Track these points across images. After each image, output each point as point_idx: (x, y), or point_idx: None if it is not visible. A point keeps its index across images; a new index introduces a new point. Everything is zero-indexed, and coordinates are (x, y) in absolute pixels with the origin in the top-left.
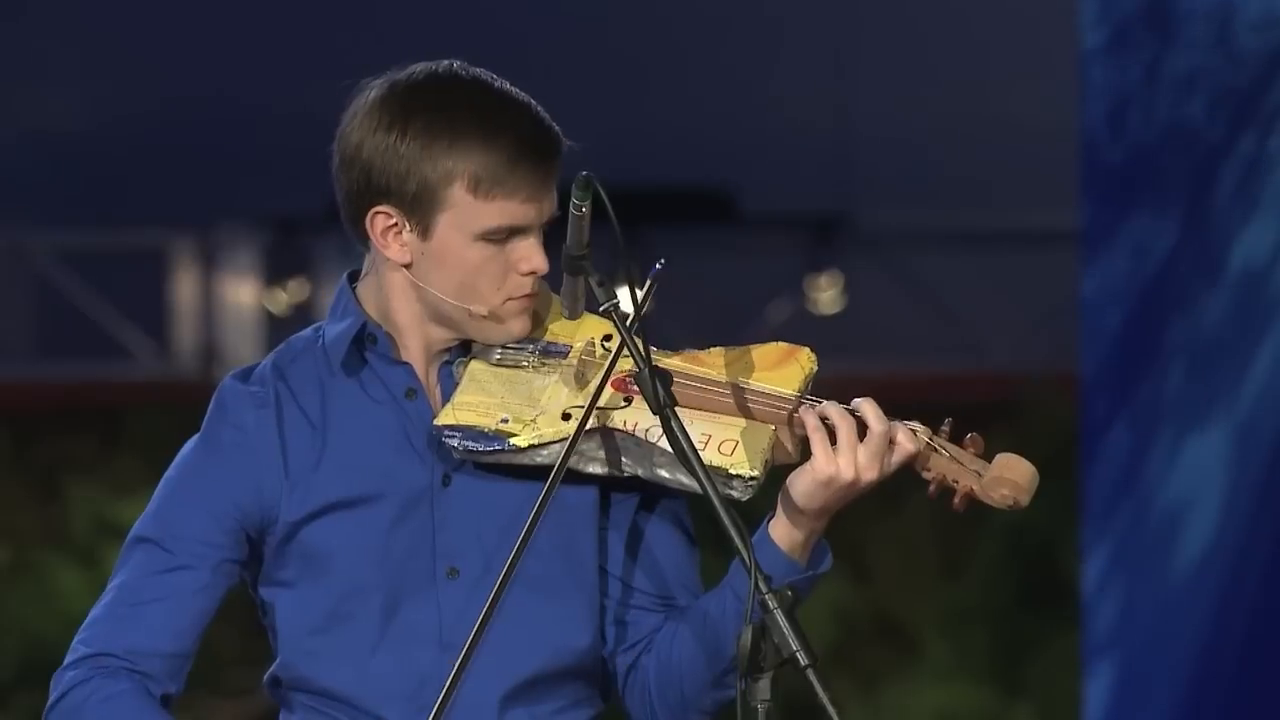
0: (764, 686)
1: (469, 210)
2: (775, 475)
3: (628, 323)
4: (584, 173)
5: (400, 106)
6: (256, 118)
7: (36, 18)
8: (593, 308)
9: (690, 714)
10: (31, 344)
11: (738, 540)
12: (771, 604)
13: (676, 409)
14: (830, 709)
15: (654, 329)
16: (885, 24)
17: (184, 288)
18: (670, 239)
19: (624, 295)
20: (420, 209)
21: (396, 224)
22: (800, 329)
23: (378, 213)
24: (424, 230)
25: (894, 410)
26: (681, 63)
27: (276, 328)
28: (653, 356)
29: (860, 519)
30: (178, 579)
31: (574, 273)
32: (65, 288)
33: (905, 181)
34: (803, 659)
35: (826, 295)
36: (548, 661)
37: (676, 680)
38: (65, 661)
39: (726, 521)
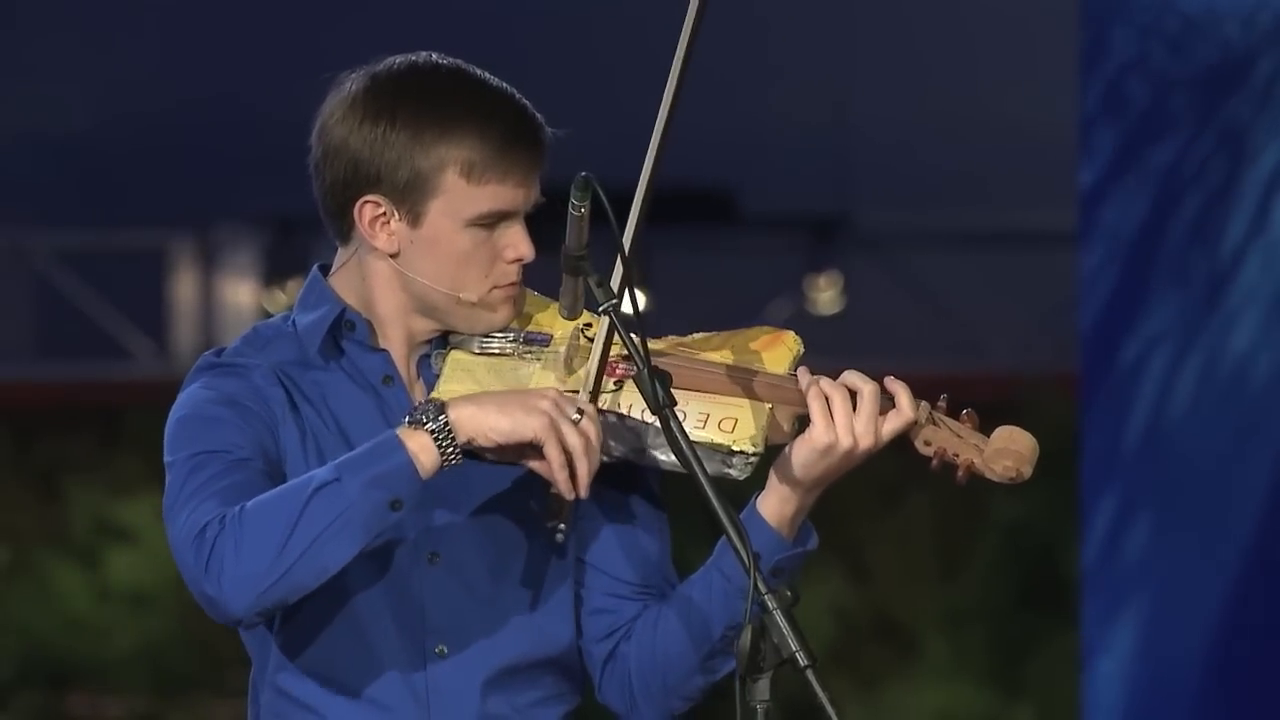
0: (763, 687)
1: (461, 196)
2: (771, 461)
3: (618, 297)
4: (583, 173)
5: (385, 96)
6: (256, 118)
7: (36, 17)
8: (592, 308)
9: (672, 701)
10: (31, 344)
11: (735, 540)
12: (771, 604)
13: (672, 389)
14: (829, 710)
15: (652, 329)
16: (884, 25)
17: (183, 288)
18: (670, 240)
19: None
20: (411, 197)
21: (385, 213)
22: (800, 329)
23: (366, 202)
24: (414, 218)
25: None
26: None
27: None
28: (622, 322)
29: (859, 519)
30: (248, 466)
31: (573, 273)
32: (65, 288)
33: (904, 182)
34: (802, 659)
35: (826, 296)
36: (529, 649)
37: (660, 667)
38: (189, 539)
39: (725, 521)
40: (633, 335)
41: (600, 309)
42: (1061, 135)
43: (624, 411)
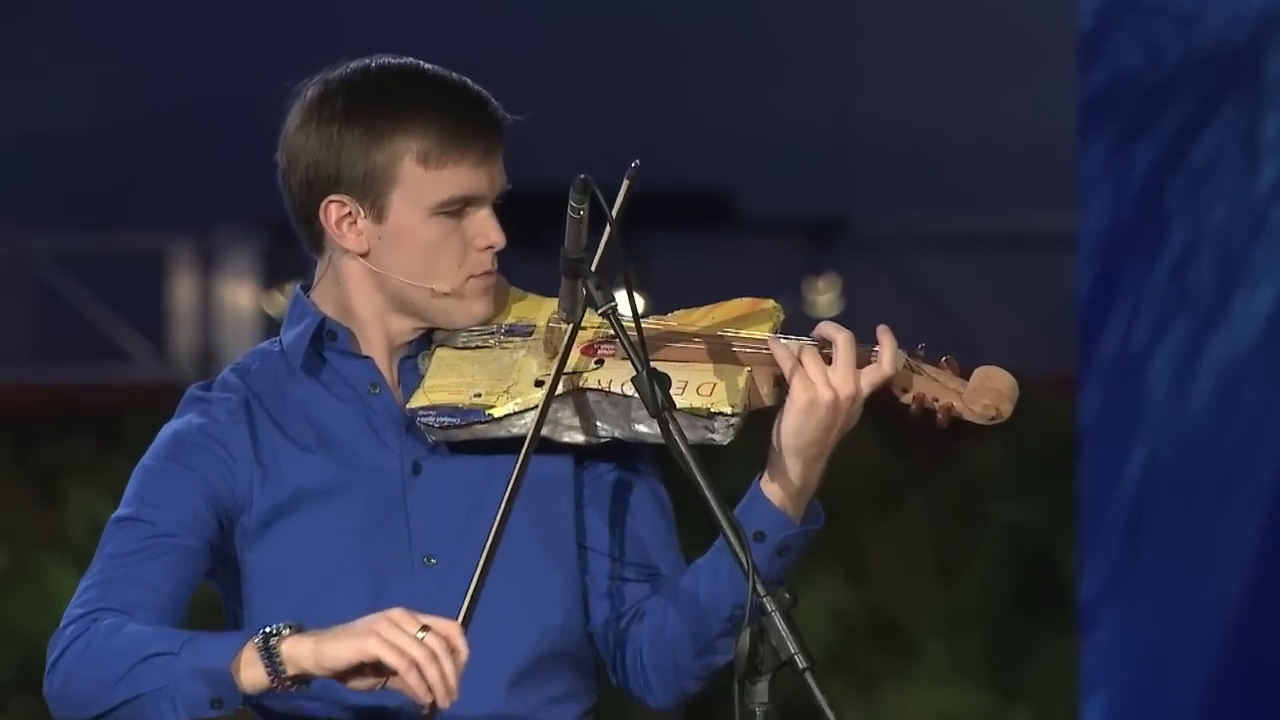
0: (762, 689)
1: (421, 184)
2: (760, 449)
3: (614, 305)
4: (581, 175)
5: (338, 98)
6: (255, 120)
7: (35, 18)
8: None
9: (684, 680)
10: (30, 347)
11: (733, 540)
12: (769, 606)
13: (652, 362)
14: (828, 712)
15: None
16: (883, 27)
17: (182, 290)
18: (668, 242)
19: (621, 298)
20: (372, 192)
21: (350, 212)
22: (798, 331)
23: (331, 202)
24: (378, 213)
25: (893, 410)
26: (679, 65)
27: (274, 331)
28: (622, 323)
29: (858, 521)
30: (164, 543)
31: (572, 275)
32: (64, 290)
33: (903, 184)
34: (801, 662)
35: (824, 298)
36: (534, 648)
37: (670, 647)
38: (60, 626)
39: (722, 521)
40: (631, 337)
41: (599, 311)
42: (1060, 138)
43: (605, 388)
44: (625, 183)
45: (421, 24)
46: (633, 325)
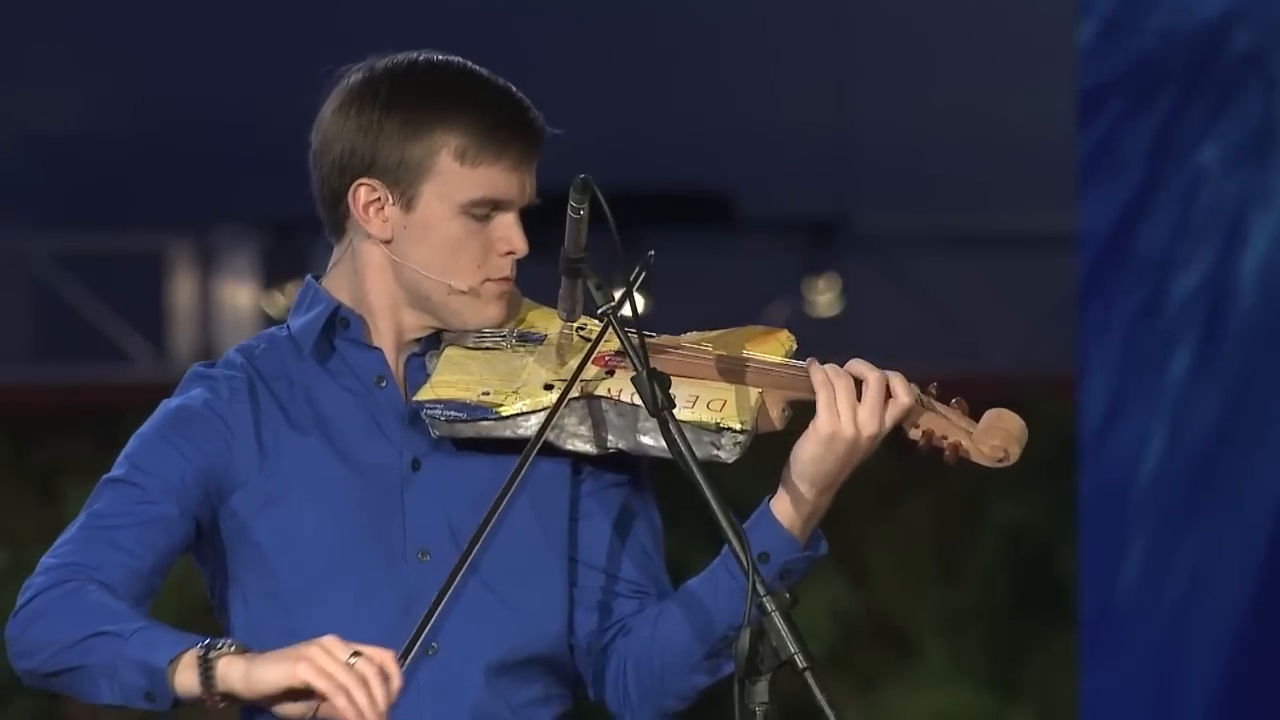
0: (762, 689)
1: (455, 179)
2: (772, 463)
3: (615, 306)
4: (582, 175)
5: (382, 86)
6: (255, 120)
7: (34, 18)
8: (590, 311)
9: (668, 699)
10: (29, 347)
11: (733, 541)
12: (770, 606)
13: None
14: (828, 711)
15: (650, 331)
16: (883, 27)
17: (182, 291)
18: (668, 242)
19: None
20: (405, 180)
21: (380, 198)
22: (798, 332)
23: (361, 185)
24: (408, 203)
25: None
26: (680, 65)
27: None
28: (621, 324)
29: (858, 521)
30: (147, 510)
31: (572, 276)
32: (63, 290)
33: (903, 184)
34: (801, 661)
35: (824, 298)
36: (520, 645)
37: (657, 663)
38: (34, 571)
39: (723, 522)
40: (631, 337)
41: (599, 312)
42: (1060, 138)
43: (615, 397)
44: (638, 269)
45: (421, 23)
46: (636, 327)
